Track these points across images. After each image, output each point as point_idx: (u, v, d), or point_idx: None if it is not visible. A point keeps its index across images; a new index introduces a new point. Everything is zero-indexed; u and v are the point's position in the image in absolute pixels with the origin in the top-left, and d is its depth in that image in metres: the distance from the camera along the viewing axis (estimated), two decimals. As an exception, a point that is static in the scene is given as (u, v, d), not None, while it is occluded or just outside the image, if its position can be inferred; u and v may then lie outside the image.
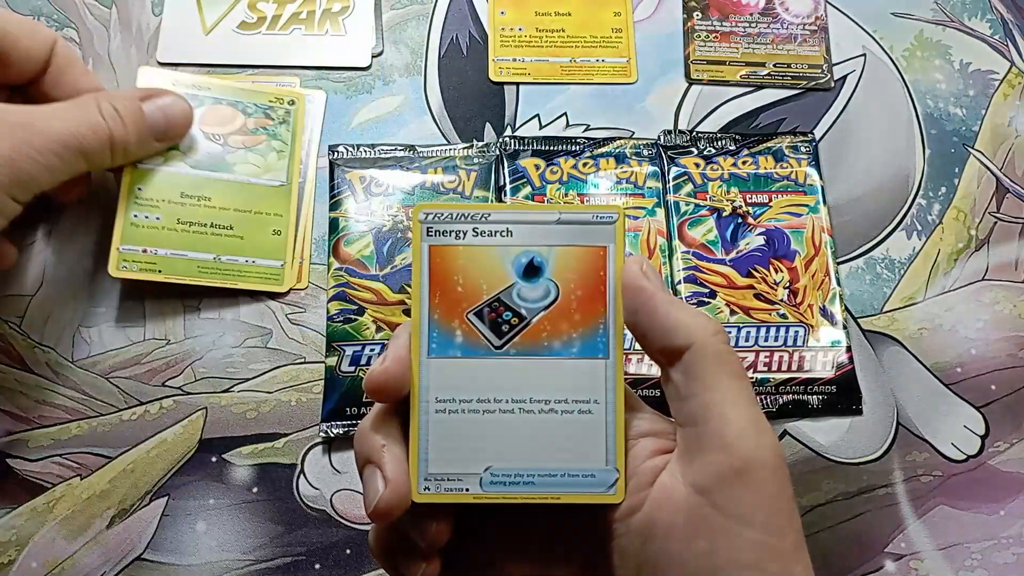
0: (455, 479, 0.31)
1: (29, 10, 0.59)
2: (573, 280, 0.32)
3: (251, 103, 0.55)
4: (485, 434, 0.31)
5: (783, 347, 0.52)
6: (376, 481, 0.30)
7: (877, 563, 0.49)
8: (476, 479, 0.31)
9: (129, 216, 0.51)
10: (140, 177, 0.51)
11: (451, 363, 0.32)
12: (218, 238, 0.52)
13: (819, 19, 0.63)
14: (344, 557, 0.48)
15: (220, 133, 0.54)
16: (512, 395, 0.31)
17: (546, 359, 0.32)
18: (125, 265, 0.50)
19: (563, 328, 0.32)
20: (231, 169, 0.53)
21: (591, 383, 0.32)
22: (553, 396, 0.32)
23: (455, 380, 0.31)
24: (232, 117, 0.54)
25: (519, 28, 0.61)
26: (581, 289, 0.32)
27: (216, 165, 0.53)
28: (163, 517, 0.48)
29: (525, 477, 0.31)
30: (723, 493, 0.28)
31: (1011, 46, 0.63)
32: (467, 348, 0.32)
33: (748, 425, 0.29)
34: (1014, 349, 0.54)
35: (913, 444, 0.52)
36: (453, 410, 0.31)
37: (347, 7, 0.61)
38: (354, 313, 0.51)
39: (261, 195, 0.53)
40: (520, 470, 0.31)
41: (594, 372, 0.32)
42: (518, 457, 0.31)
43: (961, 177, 0.59)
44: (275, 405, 0.50)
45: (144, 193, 0.51)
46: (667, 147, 0.57)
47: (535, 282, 0.32)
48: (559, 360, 0.32)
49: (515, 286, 0.32)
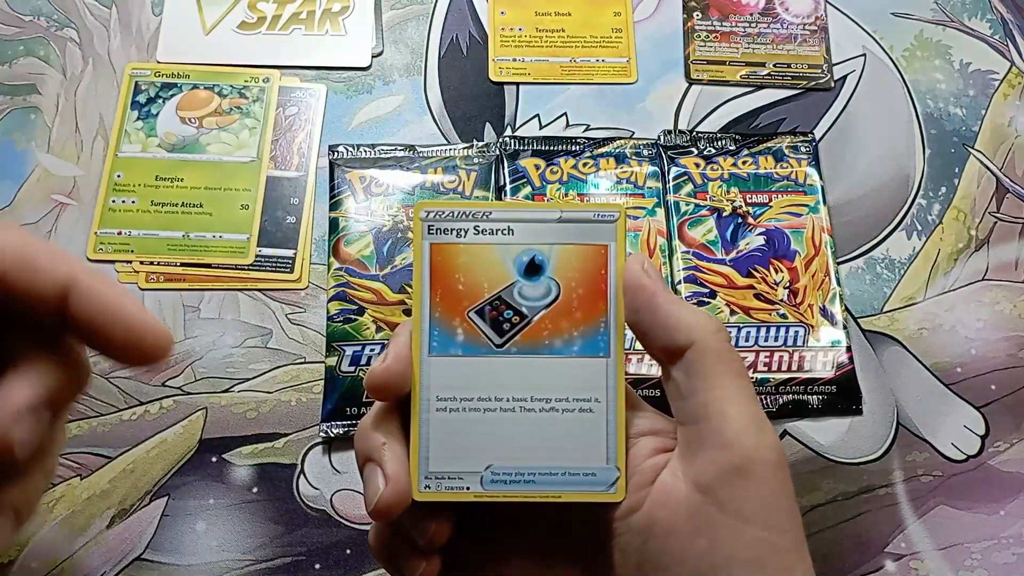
0: (456, 477, 0.31)
1: (29, 10, 0.59)
2: (574, 278, 0.32)
3: (227, 84, 0.57)
4: (486, 432, 0.31)
5: (783, 347, 0.52)
6: (376, 479, 0.30)
7: (877, 563, 0.49)
8: (477, 477, 0.31)
9: (108, 202, 0.53)
10: (120, 165, 0.54)
11: (452, 361, 0.31)
12: (188, 216, 0.54)
13: (819, 19, 0.63)
14: (344, 557, 0.48)
15: (195, 116, 0.56)
16: (513, 393, 0.31)
17: (547, 357, 0.32)
18: (101, 247, 0.53)
19: (564, 326, 0.32)
20: (204, 150, 0.56)
21: (591, 381, 0.32)
22: (554, 395, 0.32)
23: (456, 378, 0.31)
24: (208, 100, 0.57)
25: (519, 28, 0.61)
26: (582, 287, 0.32)
27: (190, 147, 0.56)
28: (163, 517, 0.48)
29: (526, 476, 0.31)
30: (724, 491, 0.28)
31: (1011, 46, 0.63)
32: (468, 346, 0.31)
33: (749, 423, 0.29)
34: (1014, 349, 0.54)
35: (913, 444, 0.51)
36: (454, 408, 0.31)
37: (347, 7, 0.61)
38: (354, 313, 0.51)
39: (231, 172, 0.55)
40: (521, 468, 0.31)
41: (595, 370, 0.32)
42: (519, 456, 0.31)
43: (961, 177, 0.59)
44: (275, 405, 0.50)
45: (123, 179, 0.54)
46: (667, 147, 0.57)
47: (536, 280, 0.32)
48: (560, 359, 0.32)
49: (516, 284, 0.32)
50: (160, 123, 0.56)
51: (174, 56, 0.58)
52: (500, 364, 0.31)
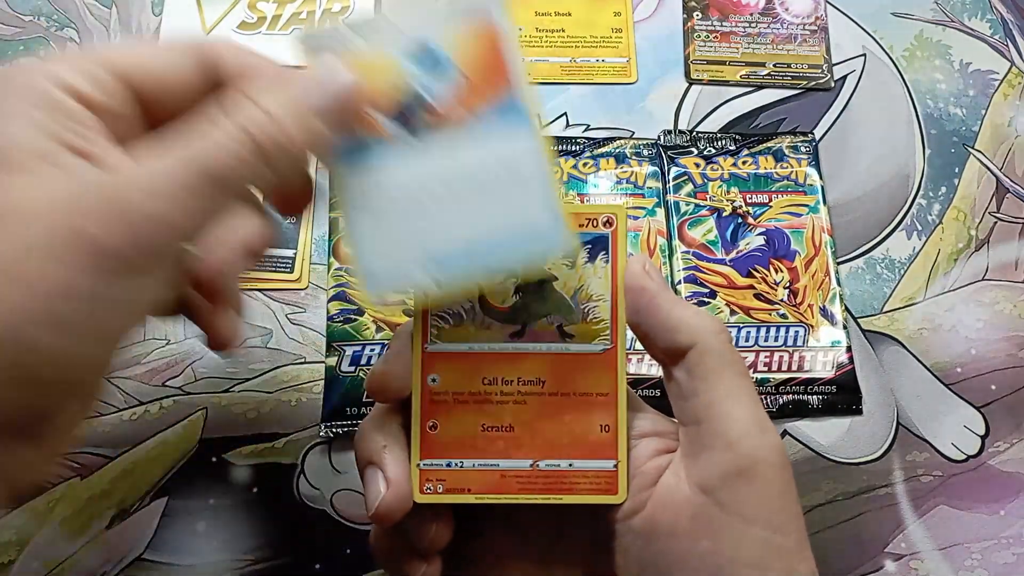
0: (400, 276, 0.29)
1: (29, 10, 0.59)
2: (473, 61, 0.30)
3: None
4: (420, 228, 0.30)
5: (783, 347, 0.52)
6: (377, 482, 0.30)
7: (877, 563, 0.49)
8: (420, 267, 0.29)
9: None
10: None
11: (373, 168, 0.30)
12: None
13: (819, 19, 0.63)
14: (344, 557, 0.48)
15: None
16: (438, 183, 0.30)
17: (466, 141, 0.30)
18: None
19: (476, 104, 0.30)
20: None
21: (513, 146, 0.30)
22: (480, 171, 0.30)
23: (384, 185, 0.30)
24: None
25: (519, 28, 0.61)
26: (482, 68, 0.30)
27: None
28: (163, 517, 0.48)
29: (470, 253, 0.29)
30: (727, 491, 0.28)
31: (1011, 46, 0.63)
32: (388, 152, 0.30)
33: (752, 423, 0.29)
34: (1014, 349, 0.54)
35: (913, 444, 0.52)
36: (383, 210, 0.30)
37: (347, 7, 0.61)
38: (354, 313, 0.51)
39: None
40: (462, 248, 0.29)
41: (518, 134, 0.30)
42: (459, 236, 0.30)
43: (961, 177, 0.59)
44: (275, 405, 0.50)
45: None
46: (667, 147, 0.57)
47: (435, 70, 0.30)
48: (479, 138, 0.30)
49: (417, 78, 0.30)
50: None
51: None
52: (422, 158, 0.30)
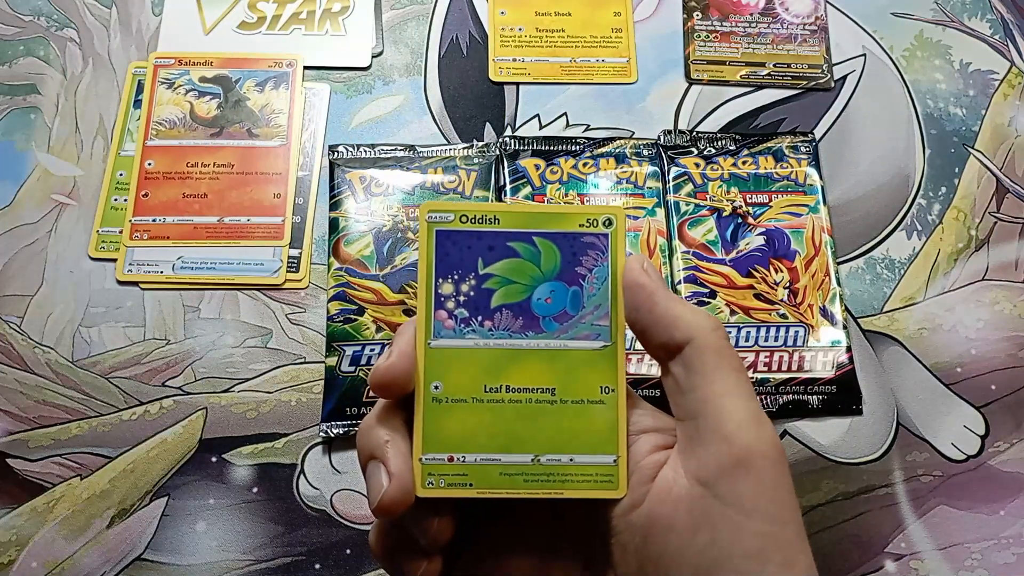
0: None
1: (29, 10, 0.60)
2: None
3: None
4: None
5: (783, 347, 0.52)
6: (380, 476, 0.30)
7: (877, 563, 0.49)
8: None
9: (110, 200, 0.54)
10: (123, 163, 0.55)
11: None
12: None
13: (819, 19, 0.63)
14: (344, 557, 0.48)
15: None
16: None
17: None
18: (103, 246, 0.53)
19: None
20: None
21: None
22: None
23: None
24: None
25: (519, 28, 0.61)
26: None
27: None
28: (163, 517, 0.48)
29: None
30: (724, 484, 0.28)
31: (1011, 46, 0.63)
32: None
33: (748, 417, 0.29)
34: (1014, 349, 0.54)
35: (913, 444, 0.51)
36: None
37: (347, 7, 0.61)
38: (354, 313, 0.51)
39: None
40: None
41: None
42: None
43: (961, 177, 0.59)
44: (275, 405, 0.50)
45: (125, 178, 0.54)
46: (667, 147, 0.57)
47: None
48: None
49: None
50: (160, 123, 0.56)
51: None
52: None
